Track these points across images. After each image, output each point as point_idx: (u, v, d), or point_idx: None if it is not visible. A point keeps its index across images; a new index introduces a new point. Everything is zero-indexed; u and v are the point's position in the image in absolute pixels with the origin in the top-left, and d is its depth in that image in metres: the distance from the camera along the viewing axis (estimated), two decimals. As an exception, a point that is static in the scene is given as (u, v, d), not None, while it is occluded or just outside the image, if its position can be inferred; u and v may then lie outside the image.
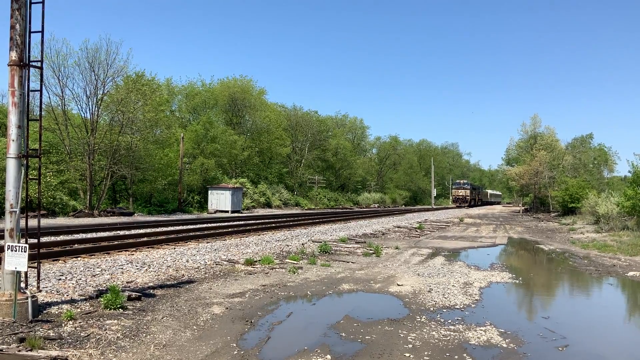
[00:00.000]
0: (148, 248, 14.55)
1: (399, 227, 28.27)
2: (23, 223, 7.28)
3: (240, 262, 12.71)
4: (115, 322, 6.91)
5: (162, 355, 5.75)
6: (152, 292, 8.96)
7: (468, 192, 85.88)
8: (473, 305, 8.85)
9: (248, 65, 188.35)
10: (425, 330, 7.13)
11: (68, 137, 32.93)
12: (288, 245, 16.54)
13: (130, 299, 8.11)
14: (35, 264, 8.04)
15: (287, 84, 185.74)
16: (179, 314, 7.57)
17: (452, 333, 7.04)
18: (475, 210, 66.94)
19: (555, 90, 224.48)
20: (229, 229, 20.75)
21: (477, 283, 11.09)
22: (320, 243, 16.79)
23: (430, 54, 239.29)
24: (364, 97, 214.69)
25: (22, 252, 6.70)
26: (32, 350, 5.46)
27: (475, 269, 13.25)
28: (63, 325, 6.56)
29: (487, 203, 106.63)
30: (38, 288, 8.01)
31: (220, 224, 25.09)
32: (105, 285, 8.87)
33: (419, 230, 26.88)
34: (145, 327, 6.83)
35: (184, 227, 22.77)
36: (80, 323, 6.72)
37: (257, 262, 12.78)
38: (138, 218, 31.01)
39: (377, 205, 74.45)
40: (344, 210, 54.84)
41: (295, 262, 13.27)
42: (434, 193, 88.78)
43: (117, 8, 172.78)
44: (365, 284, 10.64)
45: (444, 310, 8.40)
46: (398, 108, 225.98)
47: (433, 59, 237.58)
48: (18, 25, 6.97)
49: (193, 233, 19.10)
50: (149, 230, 19.87)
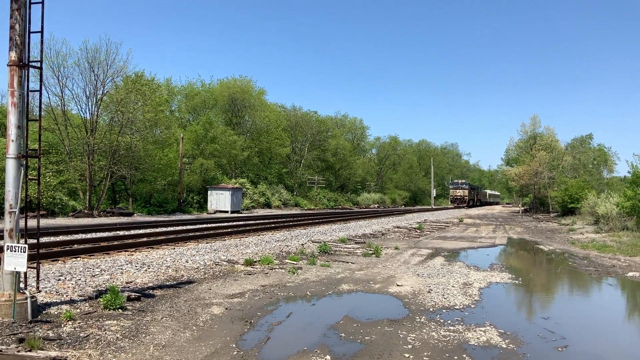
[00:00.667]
0: (147, 248, 14.55)
1: (399, 227, 28.28)
2: (22, 223, 7.27)
3: (240, 262, 12.71)
4: (115, 322, 6.90)
5: (161, 356, 5.75)
6: (151, 292, 8.96)
7: (466, 192, 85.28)
8: (473, 306, 8.85)
9: (248, 66, 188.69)
10: (425, 331, 7.13)
11: (67, 137, 32.91)
12: (287, 246, 16.54)
13: (130, 300, 8.11)
14: (35, 264, 8.03)
15: (286, 84, 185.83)
16: (179, 315, 7.57)
17: (451, 333, 7.04)
18: (475, 211, 66.97)
19: (555, 91, 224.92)
20: (229, 229, 20.74)
21: (476, 283, 11.09)
22: (320, 243, 16.78)
23: (430, 54, 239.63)
24: (364, 97, 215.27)
25: (21, 252, 6.70)
26: (31, 351, 5.45)
27: (475, 270, 13.25)
28: (62, 326, 6.55)
29: (486, 203, 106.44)
30: (37, 288, 8.00)
31: (220, 224, 25.09)
32: (105, 286, 8.86)
33: (419, 231, 26.87)
34: (145, 327, 6.82)
35: (184, 227, 22.77)
36: (80, 323, 6.72)
37: (256, 262, 12.77)
38: (137, 218, 31.01)
39: (376, 206, 74.44)
40: (344, 211, 54.83)
41: (295, 262, 13.27)
42: (434, 193, 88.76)
43: (117, 8, 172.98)
44: (365, 285, 10.63)
45: (444, 311, 8.41)
46: (398, 108, 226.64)
47: (433, 59, 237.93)
48: (17, 26, 6.96)
49: (192, 233, 19.09)
50: (149, 231, 19.86)
